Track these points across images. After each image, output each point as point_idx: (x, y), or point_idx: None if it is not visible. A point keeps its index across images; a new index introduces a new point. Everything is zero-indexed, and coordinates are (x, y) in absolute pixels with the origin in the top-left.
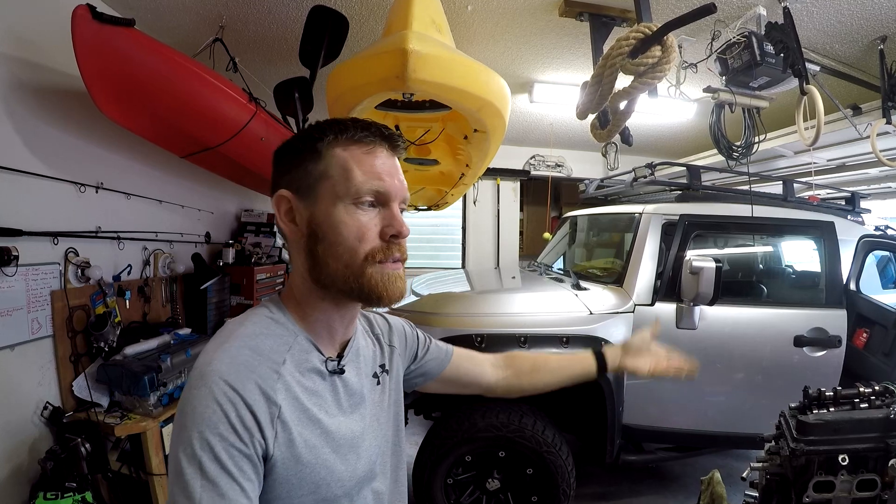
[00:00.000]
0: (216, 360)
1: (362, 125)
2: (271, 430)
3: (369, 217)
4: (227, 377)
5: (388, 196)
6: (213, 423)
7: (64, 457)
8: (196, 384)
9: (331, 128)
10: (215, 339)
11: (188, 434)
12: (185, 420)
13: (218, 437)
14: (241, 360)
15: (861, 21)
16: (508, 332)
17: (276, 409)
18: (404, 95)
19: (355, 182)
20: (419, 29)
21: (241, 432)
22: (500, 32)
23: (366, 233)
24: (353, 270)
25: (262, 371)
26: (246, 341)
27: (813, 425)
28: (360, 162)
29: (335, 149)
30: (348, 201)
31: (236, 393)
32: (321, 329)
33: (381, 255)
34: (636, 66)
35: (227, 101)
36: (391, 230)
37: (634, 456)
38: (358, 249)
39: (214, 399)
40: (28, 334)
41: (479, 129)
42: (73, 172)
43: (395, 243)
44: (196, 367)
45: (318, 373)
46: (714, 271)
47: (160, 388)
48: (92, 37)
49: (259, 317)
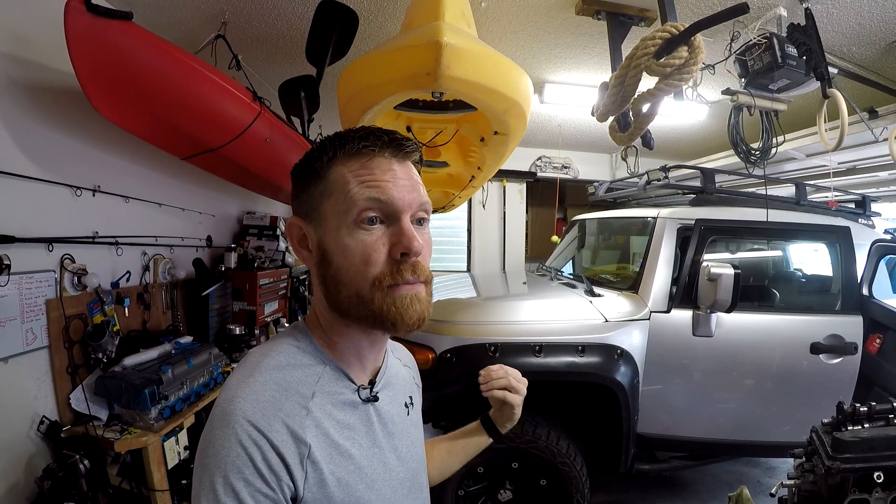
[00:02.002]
0: (240, 398)
1: (361, 134)
2: (301, 471)
3: (375, 237)
4: (252, 417)
5: (392, 207)
6: (237, 468)
7: (62, 475)
8: (219, 424)
9: (331, 144)
10: (238, 371)
11: (211, 478)
12: (207, 462)
13: (243, 483)
14: (267, 397)
15: (880, 23)
16: (523, 342)
17: (305, 448)
18: (434, 95)
19: (352, 195)
20: (451, 21)
21: (267, 477)
22: (514, 30)
23: (371, 254)
24: (363, 297)
25: (290, 408)
26: (271, 374)
27: (849, 443)
28: (357, 174)
29: (335, 166)
30: (350, 220)
31: (262, 435)
32: (350, 356)
33: (389, 279)
34: (662, 68)
35: (230, 101)
36: (400, 248)
37: (648, 465)
38: (365, 274)
39: (239, 441)
40: (22, 346)
41: (500, 132)
42: (69, 175)
43: (406, 262)
44: (218, 404)
45: (350, 403)
46: (733, 278)
47: (161, 402)
48: (86, 31)
49: (285, 345)
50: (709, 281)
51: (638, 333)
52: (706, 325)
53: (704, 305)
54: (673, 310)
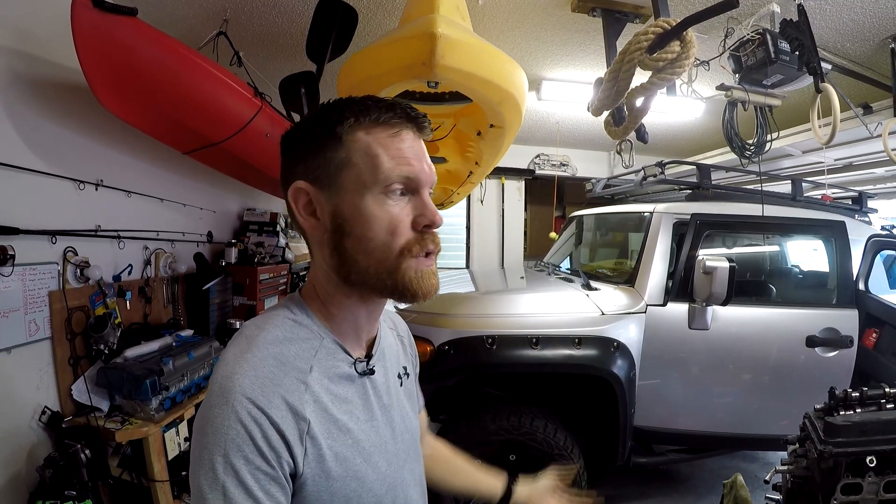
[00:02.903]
0: (238, 374)
1: (385, 105)
2: (300, 447)
3: (400, 207)
4: (251, 394)
5: (418, 182)
6: (237, 445)
7: (63, 464)
8: (217, 401)
9: (350, 109)
10: (234, 345)
11: (210, 457)
12: (205, 441)
13: (243, 461)
14: (265, 372)
15: (873, 20)
16: (520, 334)
17: (304, 424)
18: (429, 84)
19: (384, 169)
20: (446, 13)
21: (267, 454)
22: (511, 28)
23: (398, 225)
24: (388, 266)
25: (288, 383)
26: (269, 349)
27: (841, 427)
28: (387, 146)
29: (357, 133)
30: (377, 191)
31: (261, 412)
32: (347, 328)
33: (416, 247)
34: (654, 62)
35: (232, 96)
36: (424, 220)
37: (645, 458)
38: (391, 244)
39: (238, 419)
40: (25, 336)
41: (496, 125)
42: (72, 169)
43: (428, 233)
44: (215, 381)
45: (346, 377)
46: (728, 271)
47: (162, 393)
48: (92, 26)
49: (280, 319)
50: (704, 274)
51: (634, 326)
52: (702, 318)
53: (700, 298)
54: (669, 303)
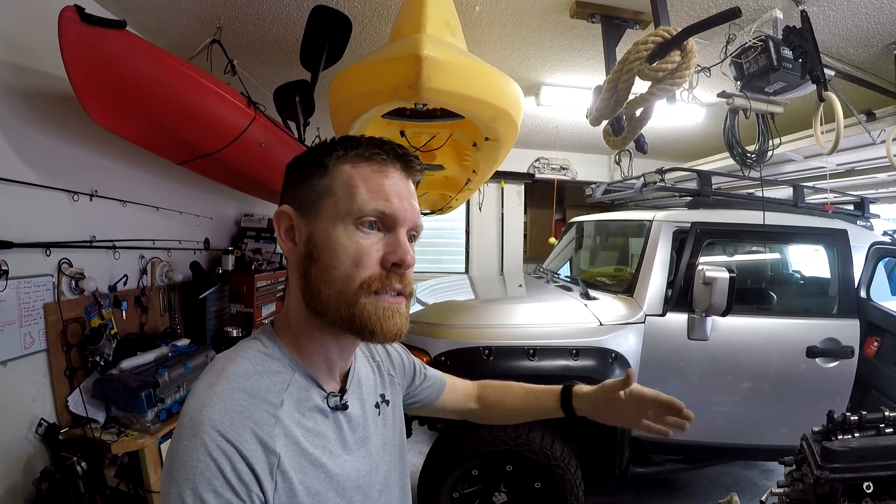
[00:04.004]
0: (207, 407)
1: (376, 142)
2: (270, 481)
3: (371, 241)
4: (221, 427)
5: (394, 220)
6: (206, 479)
7: (59, 477)
8: (186, 434)
9: (342, 143)
10: (204, 378)
11: (179, 490)
12: (175, 474)
13: (213, 494)
14: (235, 405)
15: (877, 25)
16: (517, 345)
17: (274, 458)
18: (417, 105)
19: (359, 200)
20: (433, 32)
21: (237, 488)
22: (509, 34)
23: (364, 258)
24: (346, 298)
25: (258, 417)
26: (239, 383)
27: (838, 453)
28: (368, 180)
29: (343, 165)
30: (349, 221)
31: (231, 445)
32: (319, 361)
33: (377, 284)
34: (654, 72)
35: (224, 106)
36: (394, 257)
37: (643, 468)
38: (353, 276)
39: (207, 452)
40: (21, 349)
41: (491, 138)
42: (66, 180)
43: (396, 273)
44: (185, 413)
45: (319, 411)
46: (728, 282)
47: (158, 404)
48: (80, 39)
49: (251, 352)
50: (704, 284)
51: (633, 337)
52: (701, 328)
53: (699, 309)
54: (668, 313)
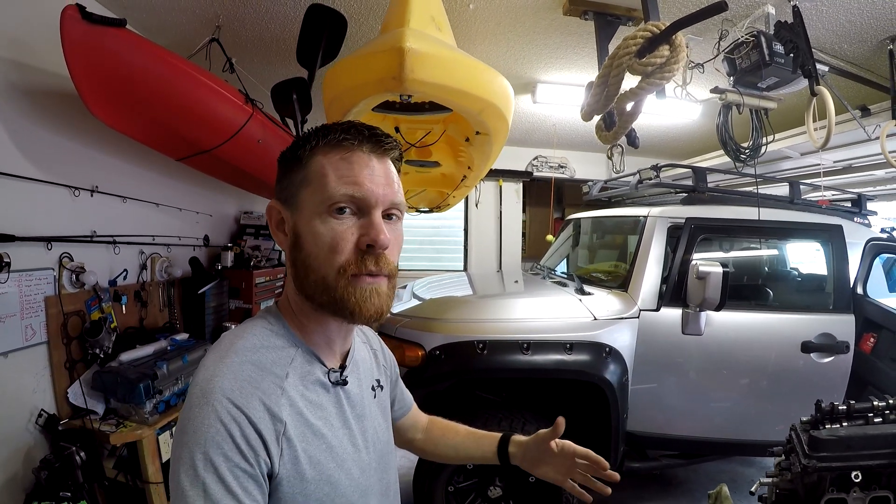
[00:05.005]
0: (218, 376)
1: (344, 127)
2: (276, 447)
3: (346, 226)
4: (231, 395)
5: (366, 202)
6: (217, 443)
7: (58, 466)
8: (198, 402)
9: (316, 133)
10: (214, 351)
11: (190, 454)
12: (186, 439)
13: (222, 458)
14: (244, 375)
15: (871, 20)
16: (511, 339)
17: (281, 426)
18: (402, 97)
19: (329, 188)
20: (417, 26)
21: (246, 452)
22: (503, 31)
23: (339, 242)
24: (328, 283)
25: (266, 387)
26: (247, 355)
27: (825, 441)
28: (337, 167)
29: (316, 155)
30: (323, 209)
31: (240, 411)
32: (320, 340)
33: (354, 267)
34: (643, 67)
35: (222, 103)
36: (367, 239)
37: (638, 463)
38: (332, 261)
39: (218, 418)
40: (22, 341)
41: (482, 132)
42: (67, 176)
43: (371, 254)
44: (196, 383)
45: (321, 385)
46: (721, 276)
47: (156, 396)
48: (81, 38)
49: (258, 328)
50: (697, 279)
51: (627, 331)
52: (695, 323)
53: (693, 304)
54: (662, 308)
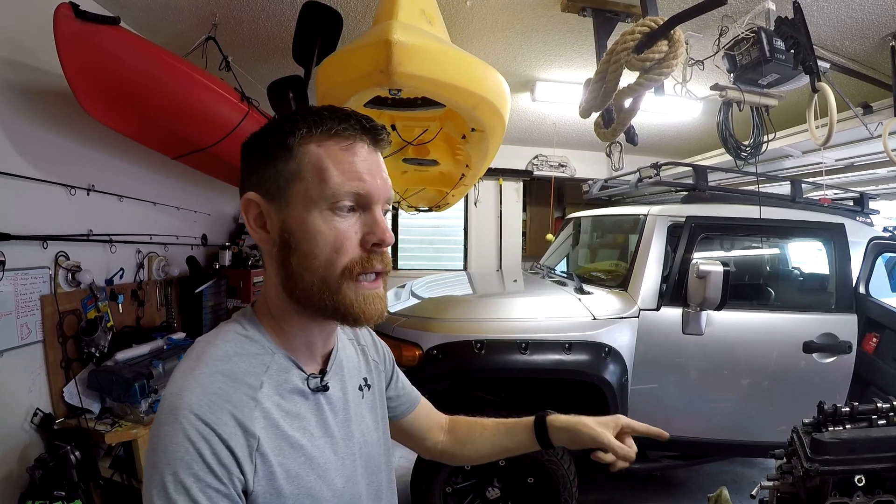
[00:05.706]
0: (186, 391)
1: (340, 116)
2: (250, 464)
3: (349, 224)
4: (199, 411)
5: (369, 198)
6: (186, 464)
7: (53, 465)
8: (166, 419)
9: (304, 120)
10: (184, 362)
11: (161, 476)
12: (156, 459)
13: (193, 479)
14: (213, 388)
15: (873, 17)
16: (509, 339)
17: (254, 441)
18: (391, 92)
19: (332, 184)
20: (406, 19)
21: (217, 471)
22: (501, 29)
23: (344, 242)
24: (330, 286)
25: (237, 399)
26: (218, 365)
27: (828, 444)
28: (338, 160)
29: (309, 145)
30: (324, 206)
31: (210, 428)
32: (300, 344)
33: (359, 267)
34: (642, 62)
35: (217, 101)
36: (373, 238)
37: (639, 464)
38: (335, 262)
39: (186, 436)
40: (17, 340)
41: (477, 128)
42: (63, 174)
43: (377, 252)
44: (164, 399)
45: (299, 393)
46: (722, 275)
47: (151, 395)
48: (74, 35)
49: (231, 334)
50: (698, 279)
51: (626, 331)
52: (696, 323)
53: (694, 303)
54: (663, 308)
